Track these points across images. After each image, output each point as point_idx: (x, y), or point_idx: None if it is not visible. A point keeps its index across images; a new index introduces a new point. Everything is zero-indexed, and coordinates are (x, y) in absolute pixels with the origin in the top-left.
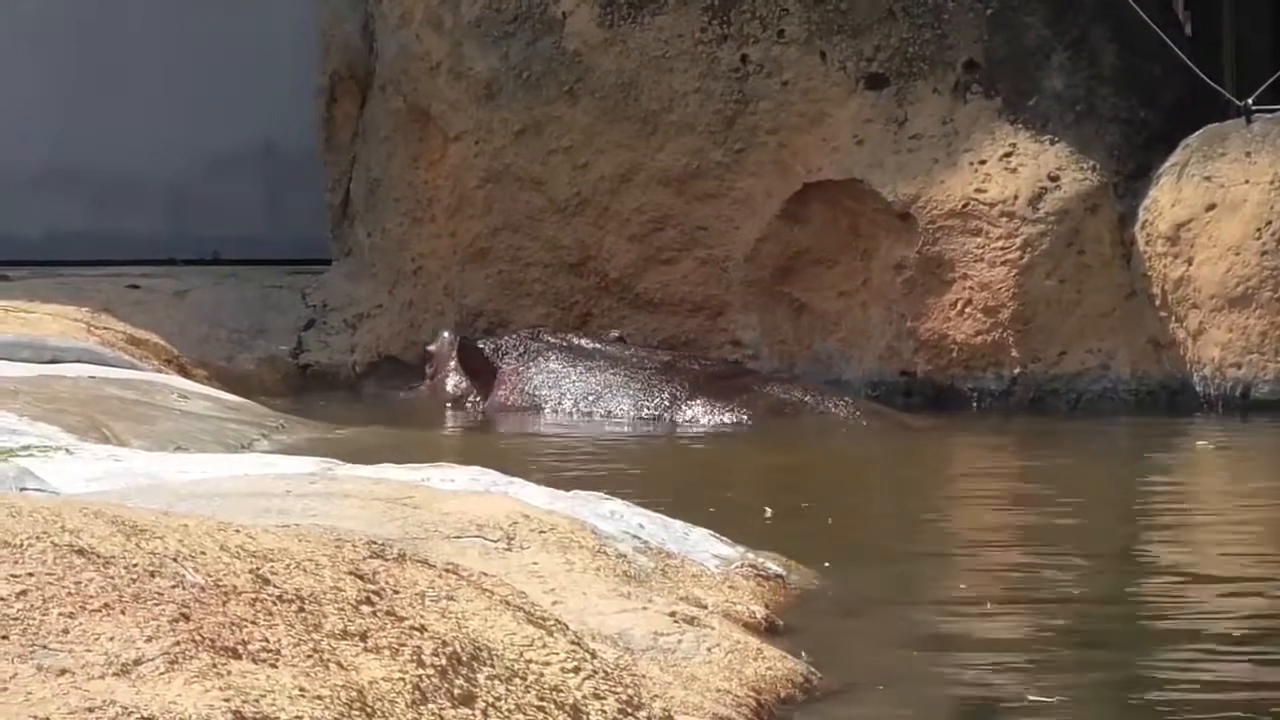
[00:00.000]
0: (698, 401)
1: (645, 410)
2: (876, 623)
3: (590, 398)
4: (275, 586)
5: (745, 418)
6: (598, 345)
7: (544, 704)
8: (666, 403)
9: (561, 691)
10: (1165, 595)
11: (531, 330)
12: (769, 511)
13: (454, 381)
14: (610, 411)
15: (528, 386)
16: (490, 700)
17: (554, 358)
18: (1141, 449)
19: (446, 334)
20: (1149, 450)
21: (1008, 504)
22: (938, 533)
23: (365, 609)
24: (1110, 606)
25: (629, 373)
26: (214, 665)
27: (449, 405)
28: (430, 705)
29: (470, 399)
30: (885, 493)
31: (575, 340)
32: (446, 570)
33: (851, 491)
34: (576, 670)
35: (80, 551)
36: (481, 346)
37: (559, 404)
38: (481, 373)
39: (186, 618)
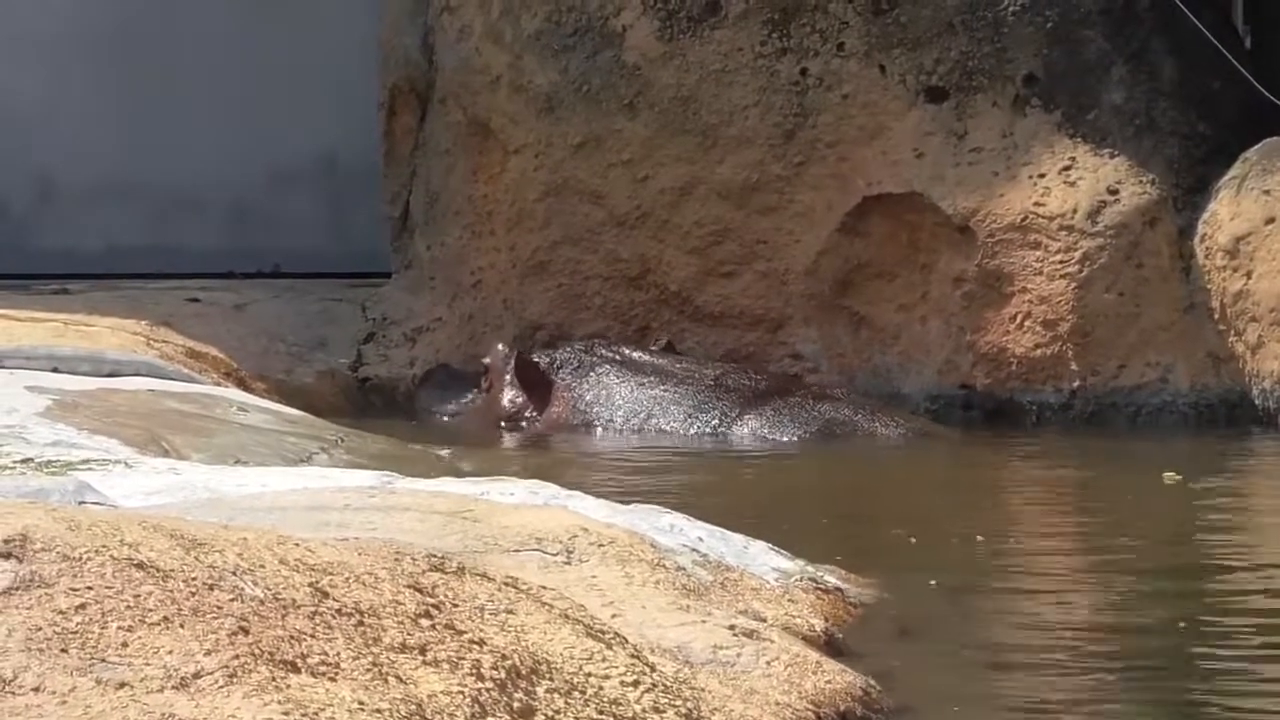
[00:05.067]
0: (749, 418)
1: (697, 427)
2: (937, 637)
3: (643, 414)
4: (334, 600)
5: (796, 435)
6: (652, 359)
7: (603, 717)
8: (718, 419)
9: (621, 705)
10: (1234, 617)
11: (587, 342)
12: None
13: (510, 396)
14: (663, 428)
15: (581, 402)
16: (550, 714)
17: (608, 372)
18: (1196, 463)
19: (501, 346)
20: (1205, 464)
21: (1064, 521)
22: (991, 548)
23: (424, 622)
24: (1176, 630)
25: (681, 389)
26: (273, 679)
27: (504, 420)
28: (489, 718)
29: (526, 414)
30: (941, 510)
31: (629, 353)
32: (506, 583)
33: (908, 508)
34: (636, 684)
35: (139, 565)
36: (537, 360)
37: (612, 420)
38: (537, 387)
39: (245, 631)
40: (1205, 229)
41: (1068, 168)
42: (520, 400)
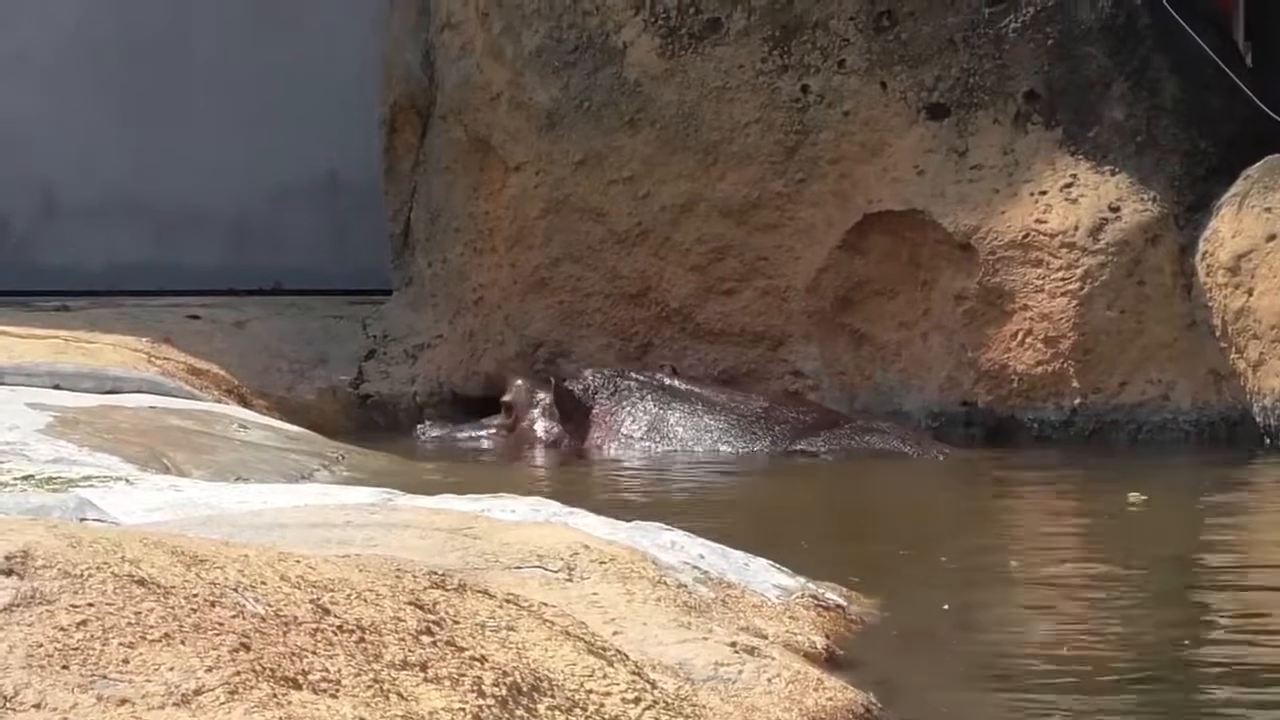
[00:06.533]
0: (797, 450)
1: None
2: (939, 655)
3: (690, 443)
4: (336, 617)
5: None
6: (691, 387)
7: None
8: (768, 451)
9: None
10: (1234, 636)
11: (616, 369)
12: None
13: (544, 425)
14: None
15: (623, 429)
16: None
17: (650, 399)
18: (1202, 483)
19: (520, 381)
20: (1212, 484)
21: (1070, 539)
22: (999, 568)
23: (426, 639)
24: (1183, 650)
25: (730, 419)
26: (274, 695)
27: (540, 449)
28: None
29: (564, 443)
30: (950, 529)
31: (665, 380)
32: (507, 600)
33: (917, 527)
34: (637, 701)
35: (140, 582)
36: (571, 388)
37: (657, 448)
38: (574, 415)
39: (247, 648)
40: (1207, 246)
41: (1069, 185)
42: (555, 430)
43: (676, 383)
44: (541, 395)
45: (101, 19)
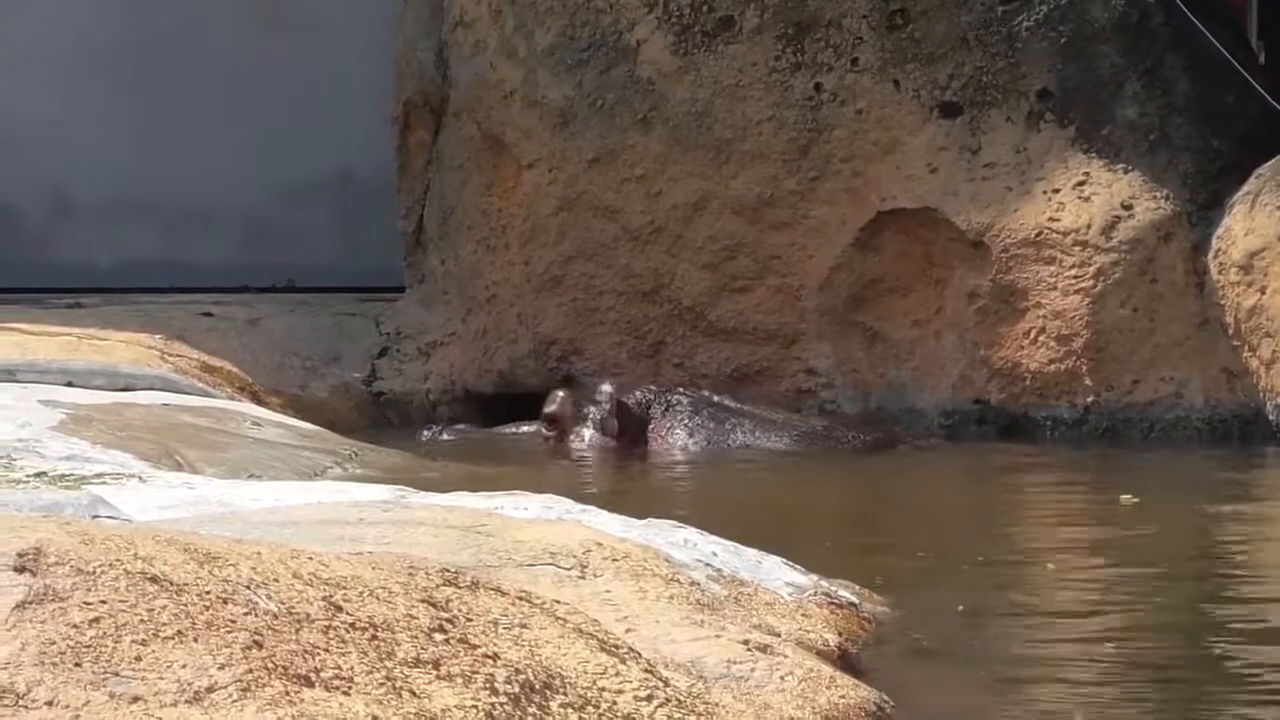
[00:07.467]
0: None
1: None
2: (951, 653)
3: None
4: (348, 614)
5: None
6: (744, 406)
7: None
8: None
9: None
10: (1243, 636)
11: (665, 386)
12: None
13: (594, 438)
14: None
15: (680, 444)
16: None
17: (706, 415)
18: (1216, 482)
19: (563, 393)
20: (1223, 483)
21: (1081, 543)
22: (1009, 569)
23: (438, 637)
24: (1199, 651)
25: (791, 437)
26: (287, 693)
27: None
28: None
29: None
30: (965, 530)
31: (715, 398)
32: (519, 598)
33: (930, 528)
34: (649, 698)
35: (153, 579)
36: (627, 401)
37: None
38: (630, 428)
39: (259, 645)
40: (1219, 244)
41: (1082, 183)
42: (609, 443)
43: (727, 401)
44: (589, 408)
45: (113, 17)
